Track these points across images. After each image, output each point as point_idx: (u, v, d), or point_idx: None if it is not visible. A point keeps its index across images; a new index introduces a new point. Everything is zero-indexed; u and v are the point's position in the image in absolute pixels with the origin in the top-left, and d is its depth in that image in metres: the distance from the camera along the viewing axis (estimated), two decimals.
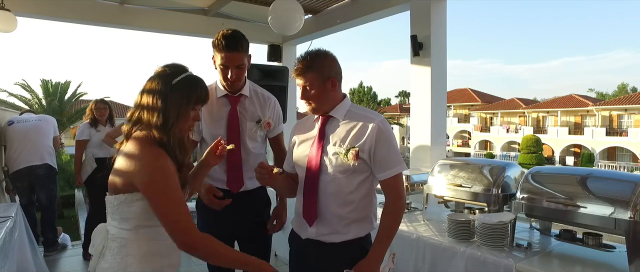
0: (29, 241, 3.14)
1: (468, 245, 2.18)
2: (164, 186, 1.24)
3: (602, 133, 28.90)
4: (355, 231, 1.63)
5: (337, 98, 1.65)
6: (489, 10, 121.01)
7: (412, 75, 3.76)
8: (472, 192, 2.41)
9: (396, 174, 1.60)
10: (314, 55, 1.60)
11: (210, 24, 5.20)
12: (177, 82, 1.34)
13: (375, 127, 1.57)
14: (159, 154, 1.27)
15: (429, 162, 3.46)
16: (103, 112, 4.04)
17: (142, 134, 1.31)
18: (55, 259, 4.09)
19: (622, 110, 29.82)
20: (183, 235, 1.25)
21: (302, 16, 3.88)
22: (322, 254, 1.65)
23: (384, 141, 1.57)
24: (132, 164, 1.26)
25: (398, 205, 1.62)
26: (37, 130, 4.08)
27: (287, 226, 3.75)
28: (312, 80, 1.58)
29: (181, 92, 1.33)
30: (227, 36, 1.84)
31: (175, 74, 1.35)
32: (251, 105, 2.00)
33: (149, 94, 1.34)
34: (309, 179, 1.64)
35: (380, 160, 1.58)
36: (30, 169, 3.94)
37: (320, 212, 1.63)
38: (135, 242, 1.30)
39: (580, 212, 1.90)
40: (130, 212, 1.28)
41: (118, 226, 1.31)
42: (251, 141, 1.99)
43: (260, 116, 1.99)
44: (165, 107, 1.30)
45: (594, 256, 2.01)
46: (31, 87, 17.87)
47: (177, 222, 1.24)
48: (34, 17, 4.48)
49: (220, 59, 1.86)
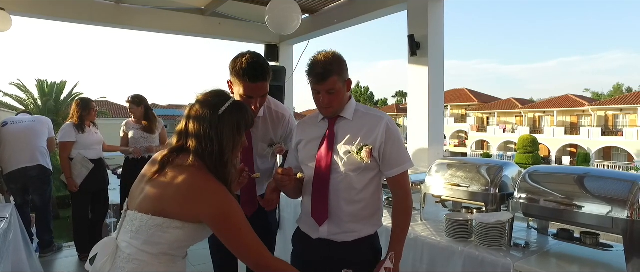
0: (24, 242, 3.11)
1: (466, 245, 2.18)
2: (238, 220, 1.26)
3: (598, 133, 29.08)
4: (366, 228, 1.66)
5: (346, 97, 1.66)
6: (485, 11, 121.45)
7: (409, 75, 3.76)
8: (469, 192, 2.41)
9: (404, 171, 1.65)
10: (332, 58, 1.57)
11: (207, 24, 5.19)
12: (225, 111, 1.31)
13: (384, 125, 1.61)
14: (224, 189, 1.27)
15: (427, 162, 3.46)
16: (92, 113, 4.00)
17: (198, 164, 1.27)
18: (51, 261, 4.06)
19: (618, 111, 30.00)
20: (259, 260, 1.30)
21: (300, 16, 3.88)
22: (335, 254, 1.65)
23: (393, 138, 1.61)
24: (197, 196, 1.23)
25: (408, 202, 1.67)
26: (30, 132, 4.03)
27: (283, 225, 3.76)
28: (335, 84, 1.56)
29: (232, 122, 1.32)
30: (252, 66, 1.69)
31: (221, 102, 1.32)
32: (264, 125, 1.93)
33: (196, 121, 1.30)
34: (319, 178, 1.63)
35: (389, 158, 1.61)
36: (23, 170, 3.91)
37: (331, 211, 1.63)
38: (154, 267, 1.25)
39: (578, 212, 1.90)
40: (162, 238, 1.23)
41: (139, 246, 1.23)
42: (261, 159, 1.95)
43: (272, 138, 1.93)
44: (220, 138, 1.28)
45: (592, 255, 2.01)
46: (26, 87, 17.74)
47: (253, 250, 1.29)
48: (29, 16, 4.45)
49: (243, 89, 1.71)
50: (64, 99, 18.38)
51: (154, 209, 1.23)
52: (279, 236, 3.76)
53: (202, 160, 1.28)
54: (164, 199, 1.23)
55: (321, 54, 1.59)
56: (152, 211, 1.23)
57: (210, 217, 1.24)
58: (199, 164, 1.28)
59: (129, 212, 1.28)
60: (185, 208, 1.22)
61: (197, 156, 1.28)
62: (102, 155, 4.07)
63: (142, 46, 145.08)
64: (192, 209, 1.22)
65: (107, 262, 1.25)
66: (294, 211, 3.60)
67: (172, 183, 1.24)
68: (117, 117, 23.42)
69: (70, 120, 3.96)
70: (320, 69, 1.54)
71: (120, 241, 1.27)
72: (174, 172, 1.26)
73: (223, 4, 4.80)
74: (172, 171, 1.26)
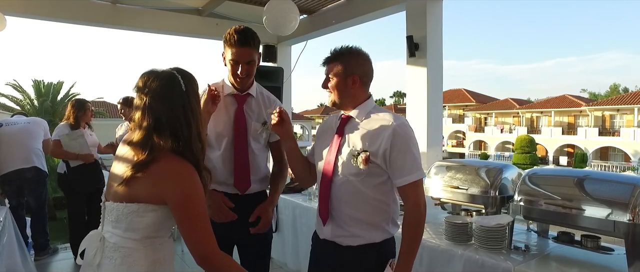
0: (18, 245, 3.07)
1: (466, 248, 2.16)
2: (197, 204, 1.24)
3: (595, 133, 29.18)
4: (371, 235, 1.59)
5: (359, 97, 1.62)
6: (483, 11, 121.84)
7: (408, 76, 3.74)
8: (469, 194, 2.39)
9: (413, 182, 1.52)
10: (345, 49, 1.61)
11: (204, 24, 5.15)
12: (180, 85, 1.27)
13: (391, 131, 1.52)
14: (191, 170, 1.25)
15: (425, 163, 3.43)
16: (87, 114, 3.97)
17: (166, 146, 1.25)
18: (46, 264, 4.01)
19: (615, 111, 30.11)
20: (206, 250, 1.24)
21: (298, 16, 3.85)
22: (338, 257, 1.63)
23: (400, 146, 1.51)
24: (163, 177, 1.23)
25: (416, 216, 1.53)
26: (26, 133, 3.99)
27: (282, 227, 3.74)
28: (335, 71, 1.59)
29: (189, 94, 1.29)
30: (239, 31, 1.83)
31: (172, 80, 1.28)
32: (257, 106, 1.97)
33: (155, 108, 1.26)
34: (323, 177, 1.64)
35: (395, 166, 1.52)
36: (18, 172, 3.86)
37: (332, 212, 1.61)
38: (142, 252, 1.26)
39: (579, 215, 1.89)
40: (141, 223, 1.25)
41: (122, 235, 1.26)
42: (255, 142, 1.95)
43: (265, 118, 1.94)
44: (180, 115, 1.26)
45: (593, 259, 2.00)
46: (22, 88, 17.66)
47: (202, 238, 1.24)
48: (24, 16, 4.39)
49: (231, 54, 1.84)
50: (61, 99, 18.30)
51: (126, 197, 1.24)
52: (278, 238, 3.76)
53: (171, 142, 1.25)
54: (134, 185, 1.24)
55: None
56: (126, 198, 1.24)
57: (172, 198, 1.23)
58: (167, 146, 1.25)
59: (107, 204, 1.30)
60: (153, 190, 1.23)
61: (163, 140, 1.25)
62: (97, 156, 4.03)
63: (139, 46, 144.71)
64: (158, 191, 1.23)
65: (97, 254, 1.28)
66: (292, 213, 3.58)
67: (148, 168, 1.24)
68: (115, 118, 23.33)
69: (66, 121, 3.93)
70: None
71: (105, 232, 1.29)
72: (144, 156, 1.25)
73: (220, 5, 4.76)
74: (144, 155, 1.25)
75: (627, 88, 52.72)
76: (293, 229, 3.56)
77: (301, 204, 3.47)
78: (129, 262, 1.25)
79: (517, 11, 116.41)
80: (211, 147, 1.87)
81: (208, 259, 1.24)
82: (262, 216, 1.89)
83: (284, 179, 2.07)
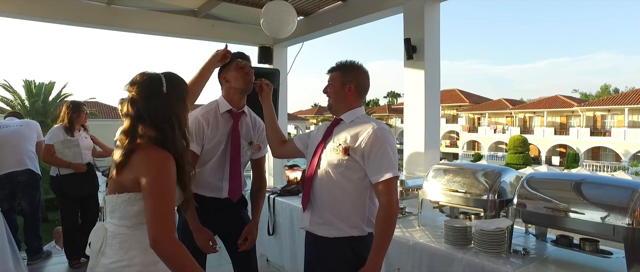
0: (11, 249, 3.03)
1: (465, 251, 2.16)
2: (163, 188, 1.32)
3: (586, 133, 29.46)
4: (344, 227, 1.73)
5: (352, 104, 1.83)
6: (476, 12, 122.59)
7: (405, 78, 3.74)
8: (468, 198, 2.39)
9: (386, 179, 1.66)
10: (347, 62, 1.86)
11: (200, 26, 5.11)
12: (162, 86, 1.41)
13: (371, 131, 1.70)
14: (167, 158, 1.36)
15: (423, 166, 3.44)
16: (82, 116, 3.89)
17: (150, 135, 1.38)
18: (40, 268, 3.94)
19: (606, 111, 30.43)
20: (160, 234, 1.28)
21: (295, 18, 3.84)
22: (316, 248, 1.80)
23: (378, 145, 1.68)
24: (140, 163, 1.35)
25: (387, 211, 1.65)
26: (18, 136, 3.93)
27: (278, 230, 3.71)
28: (335, 78, 1.84)
29: (170, 96, 1.42)
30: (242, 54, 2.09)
31: (158, 81, 1.42)
32: (246, 125, 2.13)
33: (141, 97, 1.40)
34: (310, 167, 1.83)
35: (371, 163, 1.69)
36: (11, 175, 3.80)
37: (312, 199, 1.80)
38: (136, 237, 1.38)
39: (578, 219, 1.90)
40: (132, 211, 1.36)
41: (117, 223, 1.39)
42: (242, 158, 2.11)
43: (252, 138, 2.14)
44: (159, 112, 1.39)
45: (591, 262, 2.01)
46: (13, 88, 17.42)
47: (159, 221, 1.29)
48: (16, 17, 4.32)
49: (237, 63, 2.03)
50: (53, 99, 18.07)
51: (118, 188, 1.38)
52: (275, 240, 3.74)
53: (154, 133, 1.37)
54: (122, 175, 1.37)
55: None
56: (118, 190, 1.38)
57: (143, 181, 1.32)
58: (150, 135, 1.38)
59: (106, 197, 1.44)
60: (133, 177, 1.35)
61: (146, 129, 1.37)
62: (91, 160, 3.96)
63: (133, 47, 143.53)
64: (136, 177, 1.34)
65: (101, 243, 1.42)
66: (289, 216, 3.56)
67: (134, 159, 1.37)
68: (107, 118, 23.09)
69: (60, 123, 3.86)
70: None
71: (106, 224, 1.43)
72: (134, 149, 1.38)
73: (216, 6, 4.73)
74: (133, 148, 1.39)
75: (617, 88, 53.35)
76: (290, 232, 3.55)
77: (298, 206, 3.46)
78: (125, 247, 1.37)
79: (511, 12, 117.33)
80: (207, 157, 2.00)
81: (160, 243, 1.28)
82: (249, 236, 2.10)
83: (263, 197, 2.26)
